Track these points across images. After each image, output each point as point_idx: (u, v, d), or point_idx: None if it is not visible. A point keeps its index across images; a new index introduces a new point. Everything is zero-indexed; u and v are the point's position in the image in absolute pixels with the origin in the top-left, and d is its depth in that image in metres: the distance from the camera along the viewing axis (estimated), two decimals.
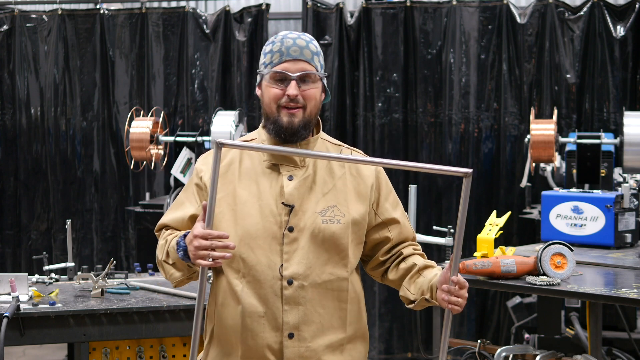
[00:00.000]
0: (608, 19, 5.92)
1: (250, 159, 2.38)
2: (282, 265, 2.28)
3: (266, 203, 2.31)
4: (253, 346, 2.29)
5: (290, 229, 2.30)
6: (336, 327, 2.33)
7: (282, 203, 2.31)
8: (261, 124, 2.43)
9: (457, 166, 6.02)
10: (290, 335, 2.29)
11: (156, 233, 2.48)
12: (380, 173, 2.44)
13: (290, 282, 2.28)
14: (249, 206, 2.32)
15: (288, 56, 2.31)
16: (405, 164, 2.17)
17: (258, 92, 2.40)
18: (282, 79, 2.32)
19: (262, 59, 2.38)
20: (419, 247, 2.48)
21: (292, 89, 2.30)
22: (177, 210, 2.42)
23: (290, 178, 2.33)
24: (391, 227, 2.42)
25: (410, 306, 2.38)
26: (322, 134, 2.45)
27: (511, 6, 6.02)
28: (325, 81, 2.40)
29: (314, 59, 2.34)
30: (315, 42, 2.38)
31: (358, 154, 2.46)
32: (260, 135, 2.42)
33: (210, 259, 2.15)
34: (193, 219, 2.37)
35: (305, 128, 2.34)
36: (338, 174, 2.38)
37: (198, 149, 5.50)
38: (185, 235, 2.27)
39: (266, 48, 2.37)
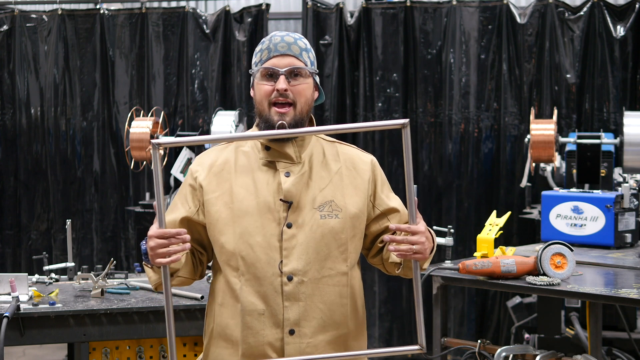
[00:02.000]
0: (608, 19, 5.92)
1: (246, 157, 2.39)
2: (281, 261, 2.29)
3: (264, 200, 2.32)
4: (254, 344, 2.29)
5: (289, 225, 2.30)
6: (337, 323, 2.34)
7: (281, 199, 2.31)
8: (255, 123, 2.44)
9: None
10: (291, 332, 2.29)
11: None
12: (375, 166, 2.45)
13: (290, 278, 2.28)
14: (246, 203, 2.32)
15: (276, 52, 2.33)
16: (345, 127, 2.29)
17: (252, 93, 2.41)
18: (271, 74, 2.33)
19: (253, 60, 2.41)
20: None
21: (281, 83, 2.31)
22: (171, 213, 2.41)
23: (287, 174, 2.34)
24: (391, 217, 2.42)
25: (398, 272, 2.37)
26: None
27: (511, 6, 6.02)
28: (317, 79, 2.41)
29: (302, 54, 2.35)
30: (304, 40, 2.40)
31: (352, 149, 2.47)
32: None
33: (169, 257, 2.16)
34: (184, 221, 2.37)
35: (297, 126, 2.33)
36: (334, 169, 2.39)
37: (198, 149, 5.50)
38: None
39: (256, 49, 2.40)
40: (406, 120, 2.15)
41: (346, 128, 2.29)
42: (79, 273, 3.92)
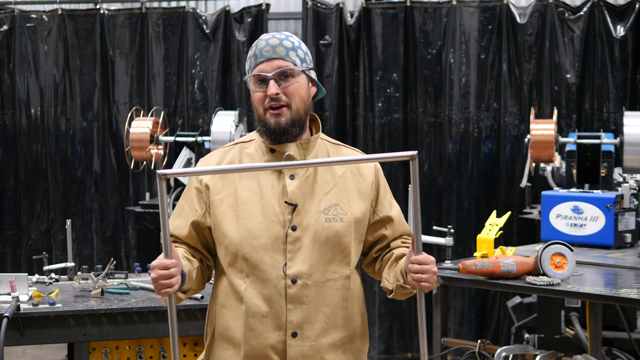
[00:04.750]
0: (608, 19, 5.92)
1: (250, 159, 2.39)
2: (285, 264, 2.28)
3: (268, 202, 2.31)
4: (256, 346, 2.29)
5: (294, 228, 2.30)
6: (339, 326, 2.34)
7: (285, 202, 2.31)
8: (255, 127, 2.44)
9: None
10: (294, 334, 2.29)
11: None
12: (379, 171, 2.45)
13: (294, 281, 2.28)
14: (250, 206, 2.32)
15: (262, 57, 2.33)
16: (353, 159, 2.26)
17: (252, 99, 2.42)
18: (261, 81, 2.33)
19: (246, 67, 2.40)
20: (409, 240, 2.48)
21: (272, 88, 2.30)
22: (178, 217, 2.41)
23: (292, 177, 2.33)
24: (388, 225, 2.43)
25: (391, 296, 2.39)
26: (321, 134, 2.45)
27: (511, 6, 6.02)
28: (312, 74, 2.39)
29: (289, 54, 2.33)
30: (292, 38, 2.37)
31: (357, 153, 2.47)
32: (257, 137, 2.43)
33: (171, 287, 2.14)
34: (195, 225, 2.37)
35: (295, 125, 2.33)
36: (339, 172, 2.39)
37: (198, 149, 5.50)
38: None
39: (248, 54, 2.40)
40: (414, 152, 2.10)
41: (354, 160, 2.26)
42: (79, 273, 3.92)
